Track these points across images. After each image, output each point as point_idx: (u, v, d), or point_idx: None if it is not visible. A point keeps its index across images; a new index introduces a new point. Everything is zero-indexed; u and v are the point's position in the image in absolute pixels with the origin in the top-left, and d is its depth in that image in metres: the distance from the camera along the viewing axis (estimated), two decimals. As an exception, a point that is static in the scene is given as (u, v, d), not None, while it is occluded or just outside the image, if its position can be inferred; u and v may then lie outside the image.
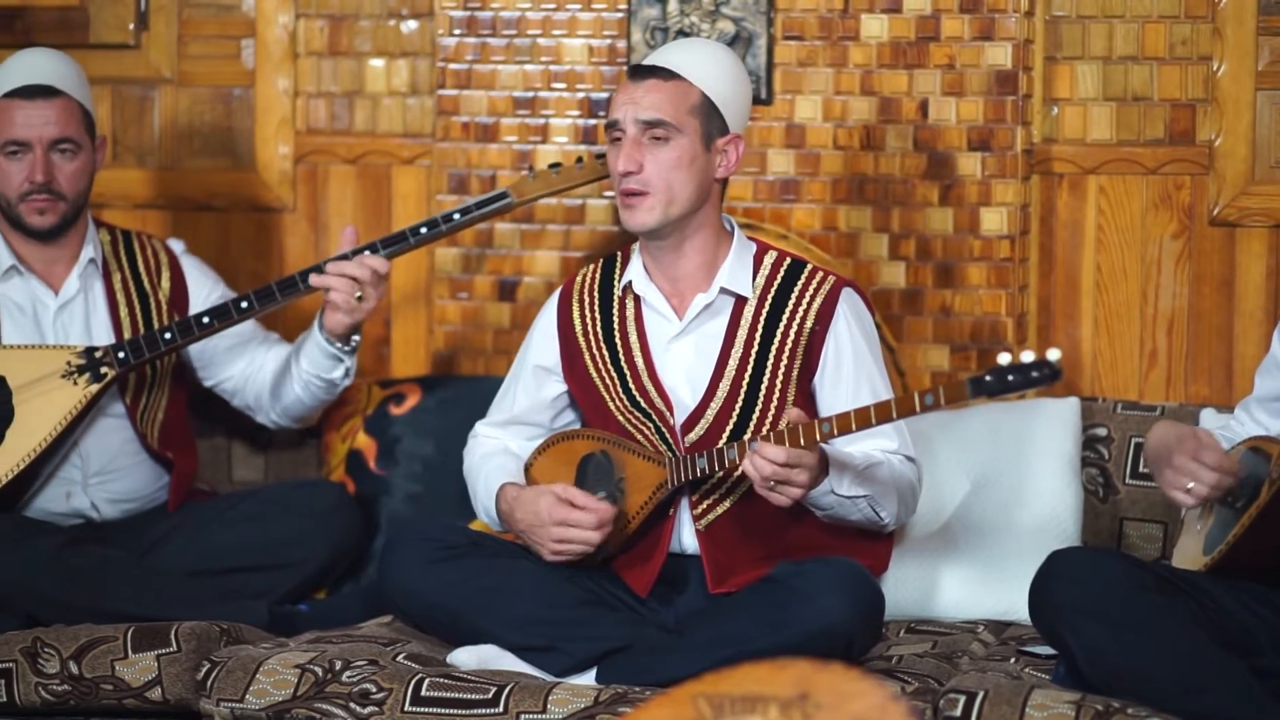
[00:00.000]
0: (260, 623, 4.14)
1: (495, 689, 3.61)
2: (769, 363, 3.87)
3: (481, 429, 4.13)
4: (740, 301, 3.90)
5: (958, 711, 3.42)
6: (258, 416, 4.54)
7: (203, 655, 3.82)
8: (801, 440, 3.57)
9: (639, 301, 3.95)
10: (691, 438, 3.86)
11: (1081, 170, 4.47)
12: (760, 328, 3.88)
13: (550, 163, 4.35)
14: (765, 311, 3.89)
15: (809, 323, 3.87)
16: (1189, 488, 3.49)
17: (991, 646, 3.92)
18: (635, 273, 3.95)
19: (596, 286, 4.02)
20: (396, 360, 4.83)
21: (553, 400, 4.06)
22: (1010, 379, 3.35)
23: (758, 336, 3.88)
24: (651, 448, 3.86)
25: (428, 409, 4.59)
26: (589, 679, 3.72)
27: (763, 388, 3.86)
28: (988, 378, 3.37)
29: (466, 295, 4.70)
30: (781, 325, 3.88)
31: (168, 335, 4.27)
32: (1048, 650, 3.71)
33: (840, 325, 3.88)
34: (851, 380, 3.87)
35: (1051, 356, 3.32)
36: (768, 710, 2.33)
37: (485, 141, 4.66)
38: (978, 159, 4.42)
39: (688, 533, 3.87)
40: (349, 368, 4.35)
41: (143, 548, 4.31)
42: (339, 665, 3.70)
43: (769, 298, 3.89)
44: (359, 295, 4.21)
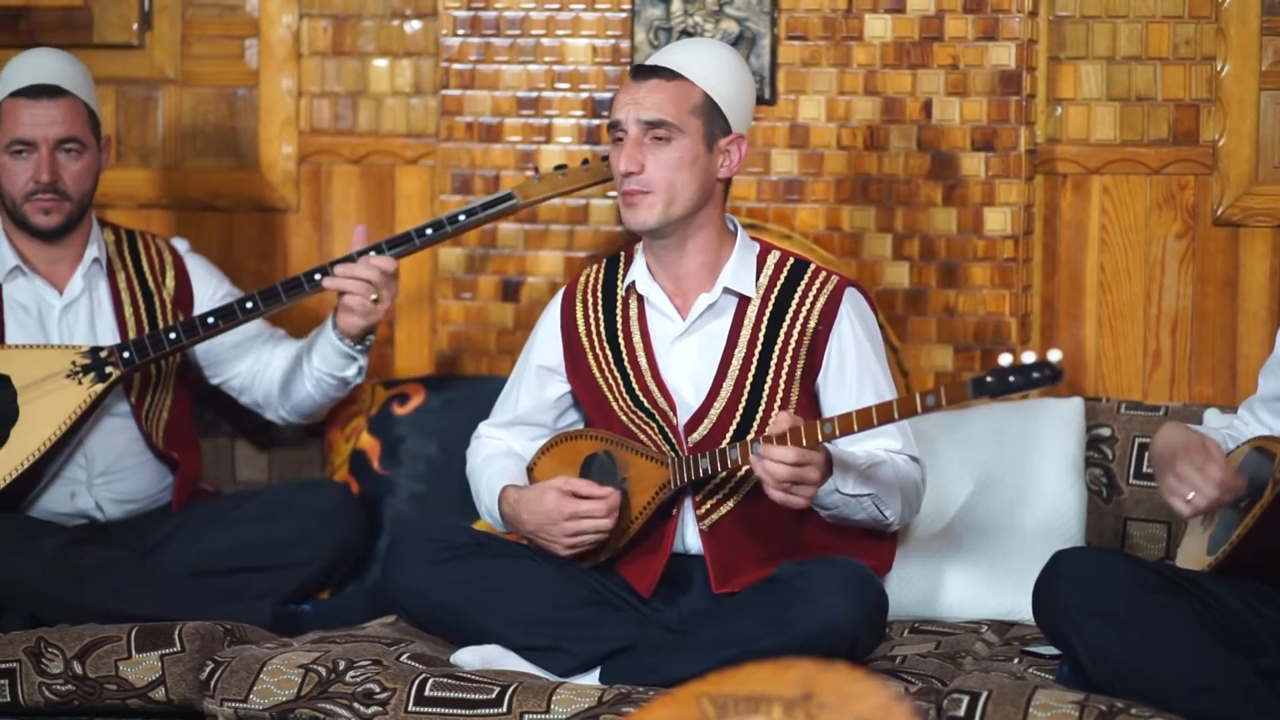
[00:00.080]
0: (264, 623, 4.14)
1: (499, 689, 3.61)
2: (772, 363, 3.86)
3: (485, 430, 4.13)
4: (744, 301, 3.90)
5: (961, 711, 3.42)
6: (266, 413, 4.54)
7: (206, 655, 3.82)
8: (804, 441, 3.57)
9: (642, 301, 3.95)
10: (695, 438, 3.86)
11: (1085, 170, 4.47)
12: (764, 328, 3.88)
13: (556, 164, 4.35)
14: (769, 311, 3.88)
15: (812, 323, 3.87)
16: (1189, 498, 3.47)
17: (995, 647, 3.92)
18: (638, 273, 3.95)
19: (600, 286, 4.01)
20: (400, 360, 4.83)
21: (556, 400, 4.06)
22: (1011, 380, 3.35)
23: (761, 336, 3.88)
24: (654, 448, 3.86)
25: (431, 409, 4.59)
26: (593, 679, 3.72)
27: (766, 388, 3.86)
28: (989, 378, 3.37)
29: (470, 295, 4.70)
30: (785, 325, 3.88)
31: (172, 335, 4.27)
32: (1051, 650, 3.70)
33: (844, 325, 3.87)
34: (855, 380, 3.87)
35: (1053, 357, 3.32)
36: (771, 710, 2.33)
37: (489, 141, 4.66)
38: (981, 159, 4.42)
39: (691, 533, 3.87)
40: (362, 366, 4.36)
41: (146, 548, 4.31)
42: (343, 665, 3.70)
43: (772, 298, 3.89)
44: (374, 298, 4.22)
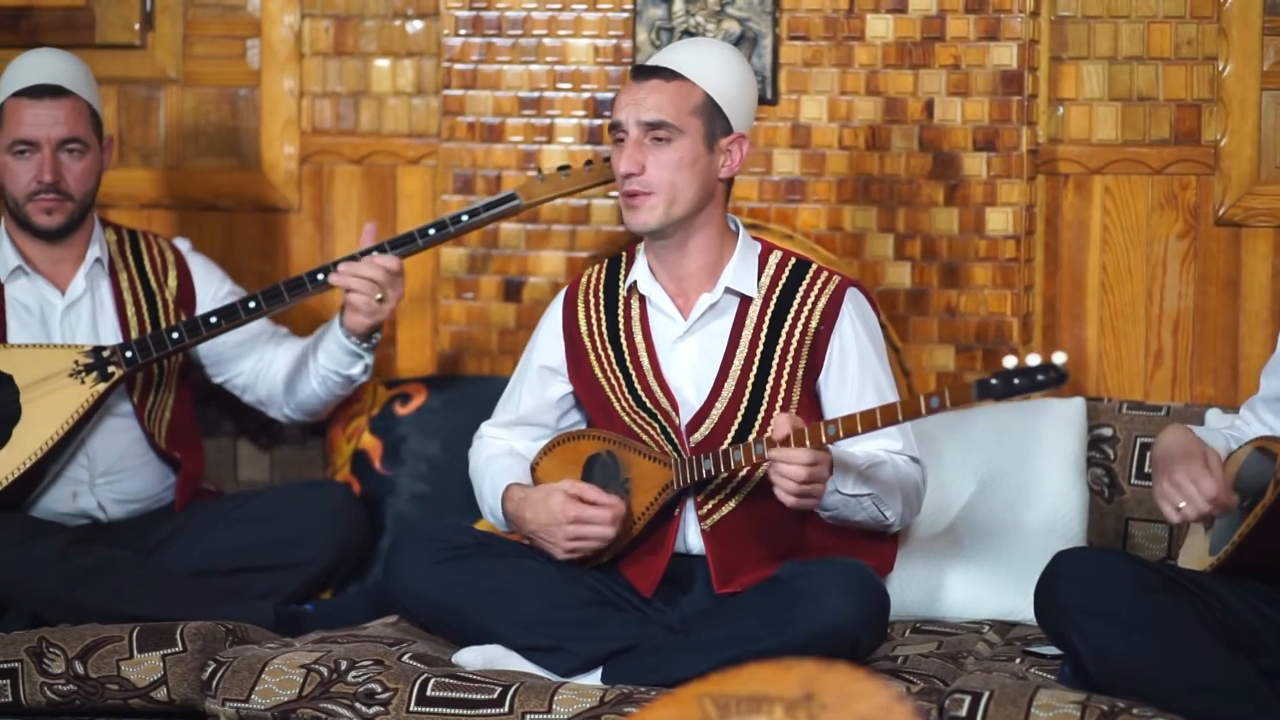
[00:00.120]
0: (266, 623, 4.14)
1: (501, 689, 3.61)
2: (774, 363, 3.86)
3: (487, 430, 4.13)
4: (745, 301, 3.89)
5: (963, 712, 3.42)
6: (270, 411, 4.54)
7: (208, 655, 3.82)
8: (808, 443, 3.57)
9: (644, 301, 3.95)
10: (697, 438, 3.86)
11: (1087, 170, 4.47)
12: (765, 328, 3.88)
13: (559, 165, 4.35)
14: (770, 311, 3.88)
15: (814, 323, 3.87)
16: (1180, 506, 3.47)
17: (997, 647, 3.92)
18: (640, 273, 3.95)
19: (601, 287, 4.01)
20: (402, 360, 4.83)
21: (558, 401, 4.06)
22: (1016, 382, 3.34)
23: (763, 336, 3.88)
24: (657, 448, 3.86)
25: (433, 409, 4.59)
26: (594, 679, 3.72)
27: (768, 388, 3.86)
28: (993, 381, 3.37)
29: (472, 295, 4.70)
30: (786, 325, 3.87)
31: (175, 335, 4.27)
32: (1053, 650, 3.70)
33: (845, 325, 3.87)
34: (856, 380, 3.86)
35: (1057, 360, 3.31)
36: (773, 710, 2.33)
37: (491, 142, 4.66)
38: (983, 159, 4.42)
39: (693, 533, 3.87)
40: (368, 364, 4.37)
41: (148, 548, 4.32)
42: (344, 665, 3.70)
43: (774, 298, 3.89)
44: (379, 297, 4.23)
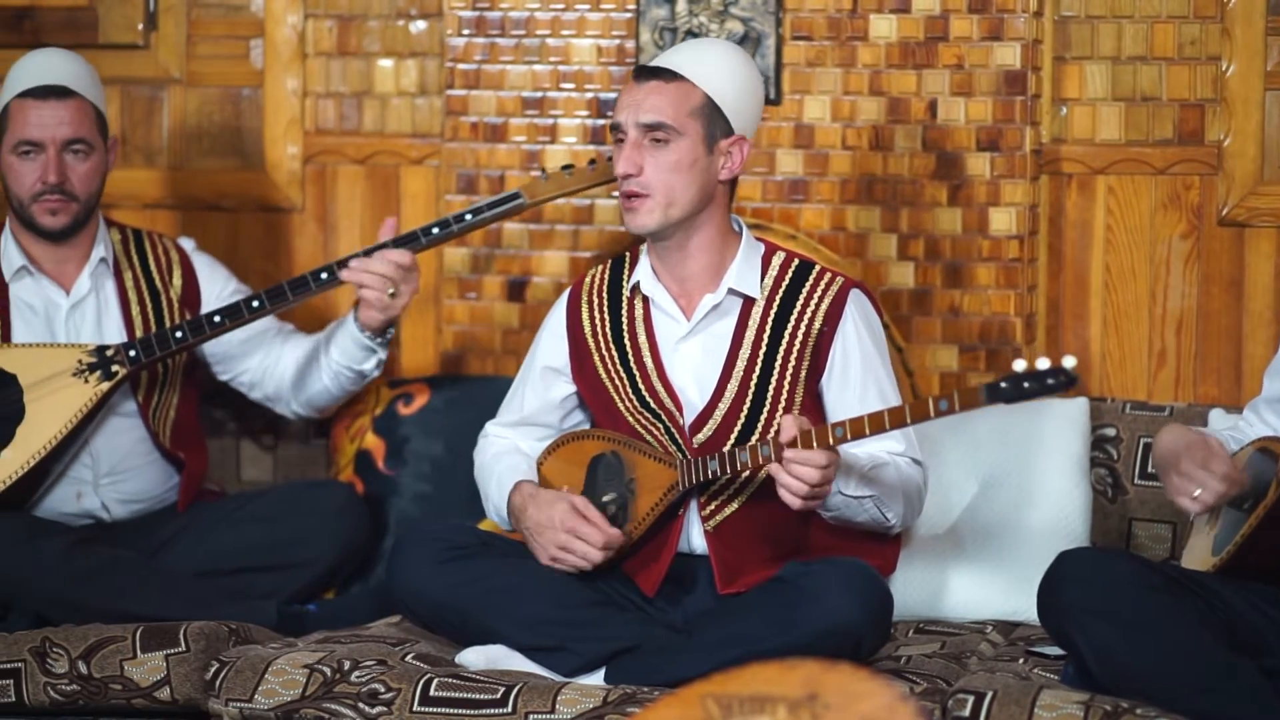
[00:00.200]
0: (269, 623, 4.14)
1: (504, 689, 3.62)
2: (777, 364, 3.86)
3: (491, 429, 4.13)
4: (748, 302, 3.89)
5: (966, 712, 3.42)
6: (276, 407, 4.54)
7: (211, 655, 3.82)
8: (815, 445, 3.57)
9: (647, 302, 3.95)
10: (700, 438, 3.86)
11: (1090, 170, 4.47)
12: (768, 329, 3.88)
13: (563, 164, 4.35)
14: (773, 312, 3.88)
15: (817, 324, 3.87)
16: (1195, 495, 3.47)
17: (1000, 647, 3.92)
18: (643, 273, 3.95)
19: (605, 287, 4.01)
20: (405, 360, 4.83)
21: (562, 401, 4.06)
22: (1026, 386, 3.33)
23: (766, 337, 3.87)
24: (661, 448, 3.86)
25: (436, 409, 4.59)
26: (597, 679, 3.72)
27: (770, 389, 3.86)
28: (1003, 384, 3.35)
29: (475, 295, 4.70)
30: (789, 326, 3.87)
31: (179, 334, 4.27)
32: (1056, 651, 3.70)
33: (848, 327, 3.87)
34: (859, 382, 3.86)
35: (1067, 363, 3.29)
36: (776, 710, 2.34)
37: (494, 142, 4.67)
38: (986, 159, 4.42)
39: (696, 533, 3.87)
40: (381, 359, 4.37)
41: (152, 548, 4.32)
42: (347, 665, 3.70)
43: (777, 299, 3.89)
44: (392, 292, 4.23)
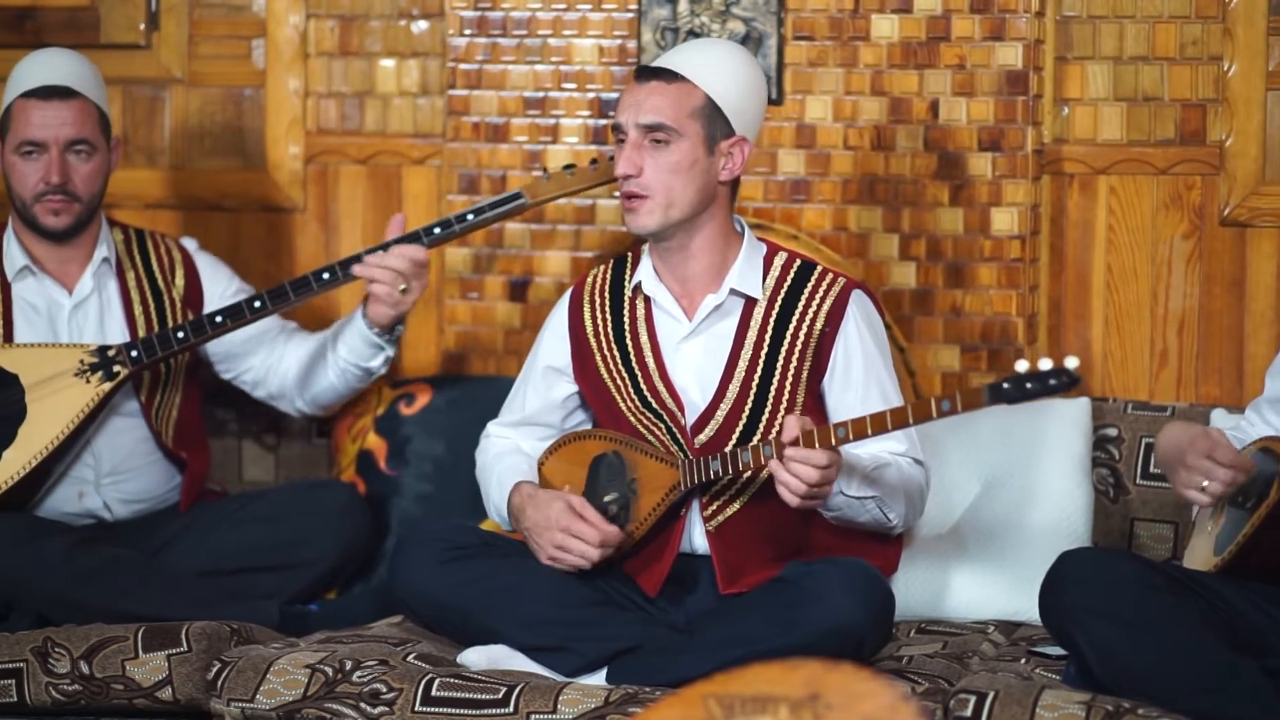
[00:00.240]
0: (271, 623, 4.14)
1: (505, 689, 3.62)
2: (778, 364, 3.86)
3: (493, 429, 4.13)
4: (750, 303, 3.89)
5: (968, 712, 3.41)
6: (280, 405, 4.54)
7: (213, 655, 3.82)
8: (817, 445, 3.57)
9: (649, 302, 3.95)
10: (702, 439, 3.86)
11: (1092, 170, 4.47)
12: (770, 329, 3.88)
13: (565, 164, 4.35)
14: (775, 313, 3.88)
15: (819, 325, 3.87)
16: (1204, 486, 3.48)
17: (1002, 647, 3.92)
18: (645, 273, 3.95)
19: (607, 287, 4.01)
20: (407, 360, 4.83)
21: (563, 401, 4.06)
22: (1029, 386, 3.33)
23: (767, 338, 3.87)
24: (663, 449, 3.86)
25: (438, 409, 4.59)
26: (599, 679, 3.72)
27: (772, 389, 3.86)
28: (1005, 385, 3.35)
29: (477, 295, 4.70)
30: (791, 327, 3.87)
31: (180, 334, 4.27)
32: (1058, 651, 3.70)
33: (850, 328, 3.87)
34: (861, 383, 3.86)
35: (1070, 364, 3.30)
36: (778, 710, 2.34)
37: (496, 142, 4.67)
38: (988, 159, 4.42)
39: (698, 533, 3.87)
40: (389, 356, 4.38)
41: (154, 548, 4.32)
42: (349, 665, 3.71)
43: (779, 299, 3.89)
44: (403, 288, 4.23)
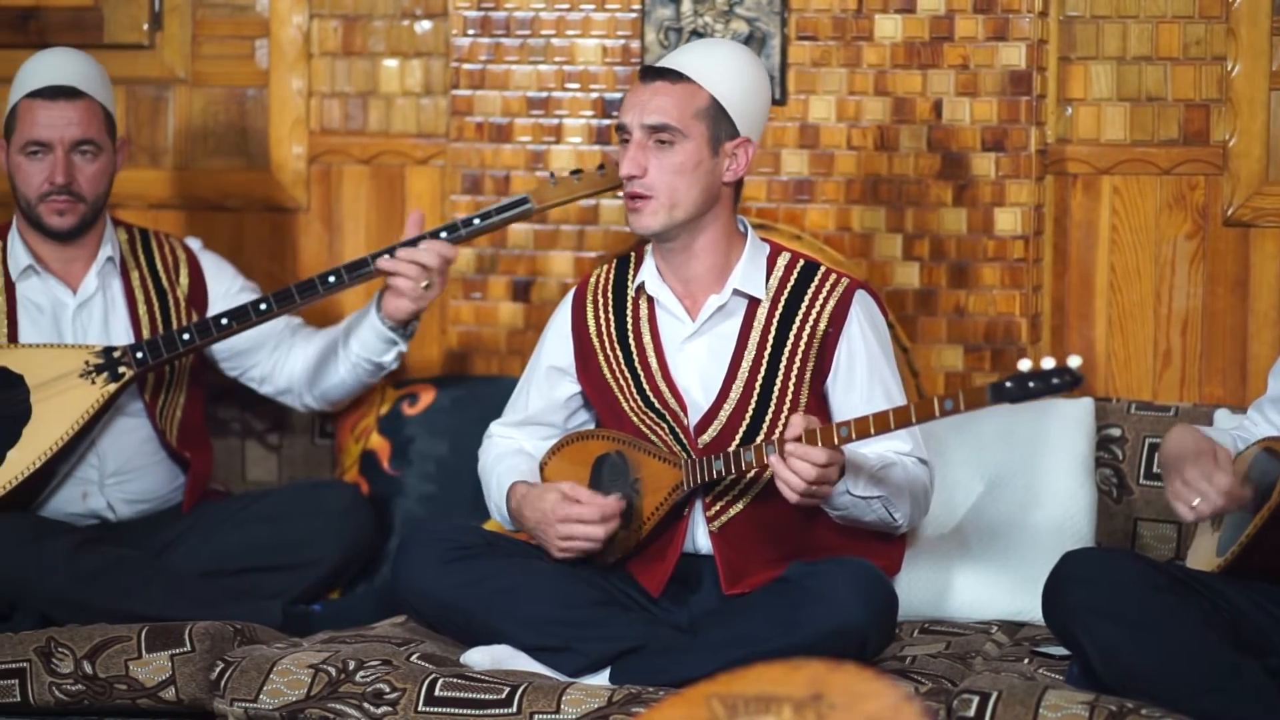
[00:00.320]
0: (274, 623, 4.14)
1: (509, 689, 3.62)
2: (782, 365, 3.86)
3: (496, 429, 4.13)
4: (753, 303, 3.89)
5: (971, 712, 3.42)
6: (287, 400, 4.54)
7: (216, 655, 3.82)
8: (820, 443, 3.57)
9: (652, 303, 3.95)
10: (705, 439, 3.86)
11: (1095, 170, 4.47)
12: (773, 330, 3.87)
13: (572, 169, 4.35)
14: (778, 313, 3.88)
15: (822, 325, 3.87)
16: (1194, 504, 3.47)
17: (1005, 647, 3.92)
18: (648, 274, 3.95)
19: (610, 287, 4.01)
20: (411, 360, 4.82)
21: (566, 401, 4.06)
22: (1031, 385, 3.33)
23: (771, 338, 3.87)
24: (666, 449, 3.86)
25: (441, 409, 4.59)
26: (603, 679, 3.72)
27: (775, 389, 3.86)
28: (1008, 384, 3.36)
29: (480, 296, 4.70)
30: (794, 327, 3.87)
31: (186, 336, 4.27)
32: (1061, 651, 3.70)
33: (853, 328, 3.87)
34: (864, 383, 3.86)
35: (1072, 363, 3.30)
36: (781, 710, 2.34)
37: (499, 142, 4.67)
38: (992, 159, 4.42)
39: (701, 533, 3.87)
40: (401, 351, 4.38)
41: (157, 548, 4.32)
42: (352, 665, 3.71)
43: (782, 300, 3.89)
44: (425, 284, 4.24)
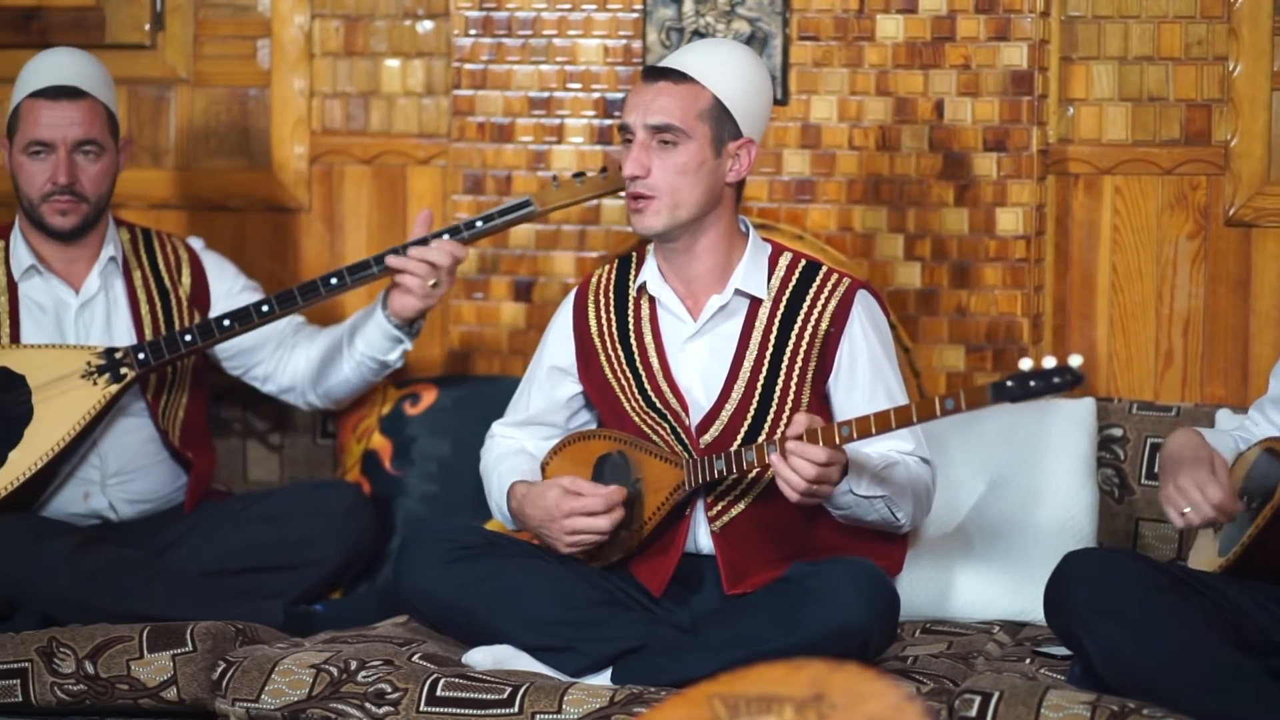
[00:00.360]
0: (275, 623, 4.14)
1: (510, 689, 3.62)
2: (783, 364, 3.86)
3: (498, 429, 4.13)
4: (755, 303, 3.89)
5: (973, 712, 3.42)
6: (291, 398, 4.55)
7: (218, 655, 3.82)
8: (821, 443, 3.57)
9: (654, 303, 3.95)
10: (707, 439, 3.86)
11: (1097, 170, 4.47)
12: (775, 329, 3.88)
13: (574, 172, 4.35)
14: (780, 313, 3.88)
15: (824, 325, 3.87)
16: (1184, 511, 3.47)
17: (1007, 647, 3.92)
18: (650, 274, 3.95)
19: (612, 287, 4.01)
20: (412, 360, 4.82)
21: (568, 401, 4.06)
22: (1032, 384, 3.33)
23: (772, 338, 3.87)
24: (668, 448, 3.86)
25: (443, 409, 4.59)
26: (604, 679, 3.72)
27: (777, 389, 3.86)
28: (1009, 383, 3.36)
29: (482, 296, 4.70)
30: (796, 327, 3.87)
31: (188, 337, 4.28)
32: (1063, 651, 3.70)
33: (855, 328, 3.87)
34: (866, 383, 3.86)
35: (1073, 362, 3.30)
36: (783, 710, 2.34)
37: (501, 142, 4.67)
38: (993, 159, 4.42)
39: (703, 533, 3.87)
40: (406, 349, 4.38)
41: (159, 548, 4.32)
42: (354, 665, 3.71)
43: (784, 299, 3.89)
44: (433, 282, 4.24)
